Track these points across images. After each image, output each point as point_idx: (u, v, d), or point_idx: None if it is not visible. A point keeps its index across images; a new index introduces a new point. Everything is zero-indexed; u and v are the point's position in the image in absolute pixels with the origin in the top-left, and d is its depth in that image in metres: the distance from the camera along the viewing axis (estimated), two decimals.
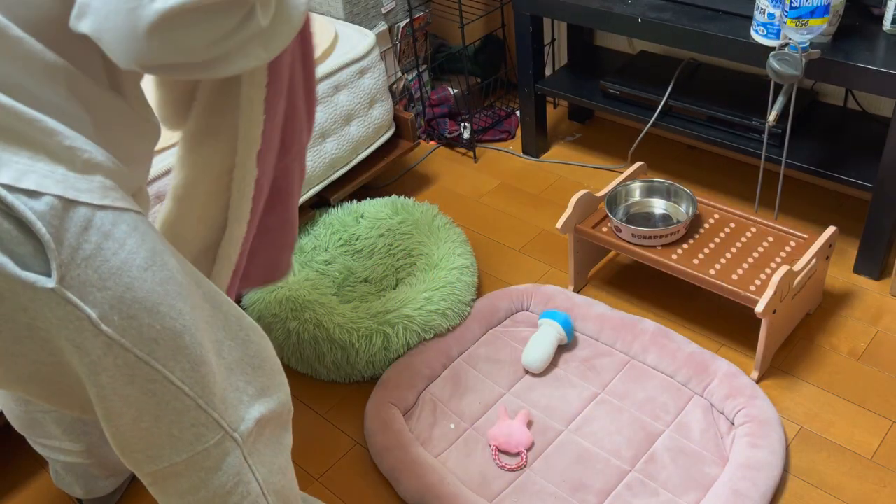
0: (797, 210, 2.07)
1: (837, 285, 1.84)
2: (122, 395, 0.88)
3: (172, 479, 0.97)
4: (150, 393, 0.90)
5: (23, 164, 0.76)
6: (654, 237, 1.70)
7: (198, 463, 0.97)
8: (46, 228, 0.76)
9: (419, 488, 1.46)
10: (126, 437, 0.93)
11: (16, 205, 0.75)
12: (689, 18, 1.81)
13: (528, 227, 2.13)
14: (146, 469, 0.96)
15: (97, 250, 0.80)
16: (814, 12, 1.54)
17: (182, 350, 0.90)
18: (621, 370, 1.66)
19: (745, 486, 1.39)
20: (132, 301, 0.84)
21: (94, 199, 0.80)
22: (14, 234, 0.76)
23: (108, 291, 0.82)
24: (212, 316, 0.97)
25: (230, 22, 0.73)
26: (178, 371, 0.90)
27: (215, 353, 0.97)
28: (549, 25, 2.44)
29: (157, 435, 0.93)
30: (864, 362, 1.66)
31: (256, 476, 1.04)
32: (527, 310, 1.84)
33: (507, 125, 2.51)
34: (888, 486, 1.43)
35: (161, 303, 0.87)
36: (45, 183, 0.76)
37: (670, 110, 2.03)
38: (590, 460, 1.49)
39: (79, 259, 0.79)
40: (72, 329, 0.82)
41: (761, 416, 1.50)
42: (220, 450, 0.98)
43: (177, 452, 0.95)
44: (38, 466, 1.63)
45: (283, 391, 1.08)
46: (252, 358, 1.03)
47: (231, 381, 0.99)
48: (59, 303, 0.80)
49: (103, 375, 0.86)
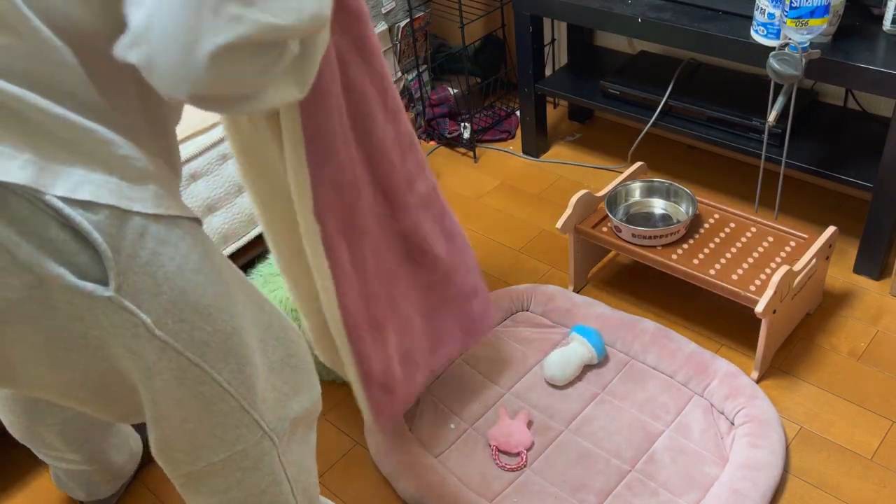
0: (797, 210, 2.07)
1: (837, 285, 1.84)
2: (173, 398, 0.90)
3: (207, 478, 0.98)
4: (199, 395, 0.91)
5: (78, 175, 0.76)
6: (654, 237, 1.70)
7: (235, 463, 0.98)
8: (103, 238, 0.77)
9: (419, 488, 1.46)
10: (170, 439, 0.94)
11: (72, 216, 0.75)
12: (689, 18, 1.81)
13: (528, 227, 2.13)
14: (183, 469, 0.97)
15: (153, 256, 0.81)
16: (814, 12, 1.54)
17: (231, 352, 0.91)
18: (621, 370, 1.66)
19: (745, 486, 1.39)
20: (185, 305, 0.85)
21: (147, 209, 0.81)
22: (71, 245, 0.77)
23: (162, 297, 0.83)
24: (257, 316, 0.99)
25: (276, 51, 0.73)
26: (225, 373, 0.92)
27: (260, 353, 0.98)
28: (549, 25, 2.44)
29: (201, 436, 0.94)
30: (864, 362, 1.66)
31: (288, 475, 1.06)
32: (527, 310, 1.84)
33: (507, 125, 2.51)
34: (888, 486, 1.43)
35: (212, 305, 0.88)
36: (100, 193, 0.77)
37: (670, 110, 2.03)
38: (590, 460, 1.49)
39: (135, 266, 0.80)
40: (128, 336, 0.83)
41: (761, 416, 1.50)
42: (258, 450, 1.00)
43: (216, 453, 0.96)
44: (39, 466, 1.63)
45: (315, 390, 1.09)
46: (291, 357, 1.04)
47: (271, 381, 1.00)
48: (115, 310, 0.81)
49: (157, 380, 0.87)
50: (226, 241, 1.78)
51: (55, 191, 0.74)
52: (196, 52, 0.68)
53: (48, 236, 0.75)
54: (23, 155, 0.73)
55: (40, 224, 0.75)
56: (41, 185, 0.74)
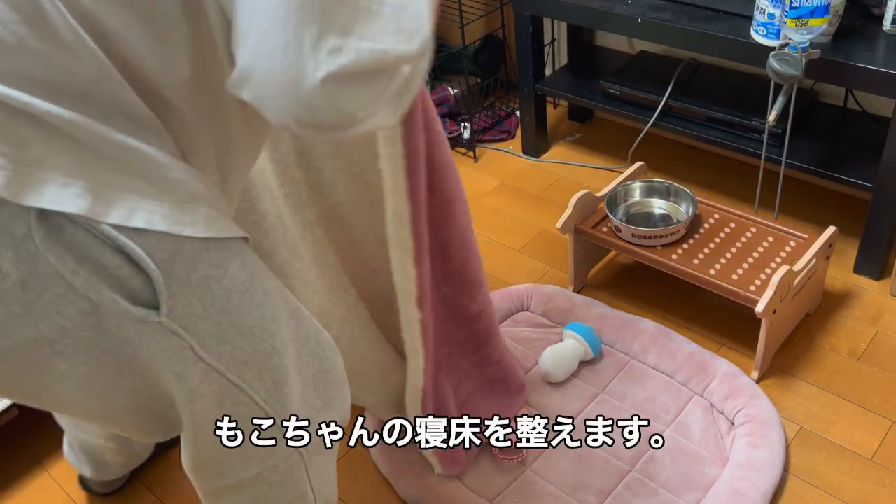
0: (797, 210, 2.07)
1: (837, 285, 1.84)
2: (210, 419, 0.90)
3: (234, 492, 0.99)
4: (235, 415, 0.91)
5: (132, 202, 0.76)
6: (654, 237, 1.70)
7: (265, 478, 0.99)
8: (156, 264, 0.77)
9: (419, 488, 1.46)
10: (204, 458, 0.94)
11: (126, 243, 0.75)
12: (689, 18, 1.81)
13: (528, 227, 2.13)
14: (213, 485, 0.98)
15: (203, 280, 0.81)
16: (814, 12, 1.54)
17: (268, 371, 0.91)
18: (621, 370, 1.66)
19: (745, 486, 1.39)
20: (229, 325, 0.85)
21: (199, 233, 0.80)
22: (125, 270, 0.77)
23: (209, 320, 0.83)
24: (296, 333, 0.99)
25: (385, 77, 0.73)
26: (262, 391, 0.92)
27: (296, 370, 0.98)
28: (549, 25, 2.44)
29: (233, 454, 0.94)
30: (864, 362, 1.66)
31: (313, 486, 1.06)
32: (527, 310, 1.84)
33: (507, 125, 2.51)
34: (888, 486, 1.43)
35: (255, 325, 0.88)
36: (153, 220, 0.77)
37: (670, 110, 2.03)
38: (590, 460, 1.49)
39: (186, 290, 0.80)
40: (175, 360, 0.83)
41: (761, 416, 1.50)
42: (287, 465, 1.00)
43: (247, 469, 0.97)
44: (38, 467, 1.63)
45: (345, 404, 1.09)
46: (324, 373, 1.04)
47: (305, 398, 1.01)
48: (165, 335, 0.81)
49: (199, 402, 0.88)
50: None
51: (109, 219, 0.74)
52: (301, 87, 0.69)
53: (103, 262, 0.75)
54: (77, 182, 0.73)
55: (95, 250, 0.75)
56: (95, 213, 0.74)
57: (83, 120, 0.73)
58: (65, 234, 0.73)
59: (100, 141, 0.74)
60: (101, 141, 0.74)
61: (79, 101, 0.73)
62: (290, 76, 0.69)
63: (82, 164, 0.74)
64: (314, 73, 0.68)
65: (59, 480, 1.60)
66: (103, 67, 0.73)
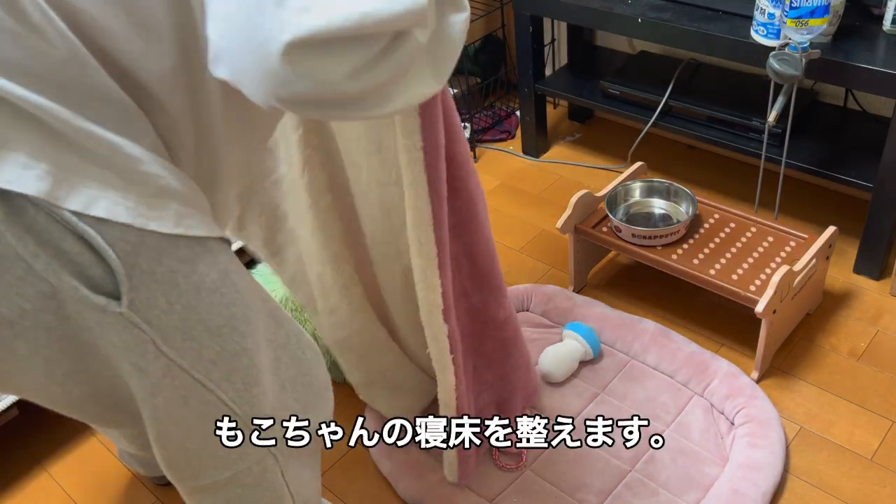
0: (797, 210, 2.07)
1: (837, 285, 1.84)
2: (175, 417, 0.88)
3: (211, 493, 0.98)
4: (203, 414, 0.90)
5: (94, 190, 0.75)
6: (654, 237, 1.70)
7: (238, 480, 0.98)
8: (117, 254, 0.76)
9: (419, 488, 1.46)
10: (174, 456, 0.93)
11: (86, 231, 0.74)
12: (689, 18, 1.81)
13: (528, 227, 2.13)
14: (188, 484, 0.97)
15: (169, 275, 0.80)
16: (814, 12, 1.54)
17: (238, 371, 0.90)
18: (621, 370, 1.66)
19: (745, 486, 1.39)
20: (196, 323, 0.83)
21: (164, 228, 0.78)
22: (86, 257, 0.76)
23: (174, 315, 0.81)
24: (274, 334, 0.97)
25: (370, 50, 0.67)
26: (230, 391, 0.90)
27: (272, 371, 0.97)
28: (549, 25, 2.44)
29: (205, 455, 0.93)
30: (864, 362, 1.65)
31: (290, 490, 1.05)
32: (527, 310, 1.84)
33: (507, 125, 2.51)
34: (888, 486, 1.43)
35: (224, 325, 0.86)
36: (115, 211, 0.75)
37: (670, 110, 2.03)
38: (590, 460, 1.49)
39: (150, 283, 0.79)
40: (136, 352, 0.82)
41: (761, 416, 1.50)
42: (261, 467, 0.99)
43: (219, 471, 0.96)
44: (38, 467, 1.63)
45: (327, 408, 1.08)
46: (304, 376, 1.03)
47: (282, 399, 0.99)
48: (125, 326, 0.79)
49: (160, 397, 0.86)
50: None
51: (69, 205, 0.73)
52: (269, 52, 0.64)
53: (63, 248, 0.75)
54: (40, 164, 0.72)
55: (56, 235, 0.74)
56: (55, 197, 0.73)
57: (52, 106, 0.72)
58: (26, 216, 0.73)
59: (68, 128, 0.73)
60: (69, 128, 0.73)
61: (50, 86, 0.72)
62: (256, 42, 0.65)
63: (48, 148, 0.73)
64: (280, 35, 0.63)
65: (59, 480, 1.60)
66: (75, 51, 0.72)
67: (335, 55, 0.65)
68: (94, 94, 0.75)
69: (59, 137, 0.73)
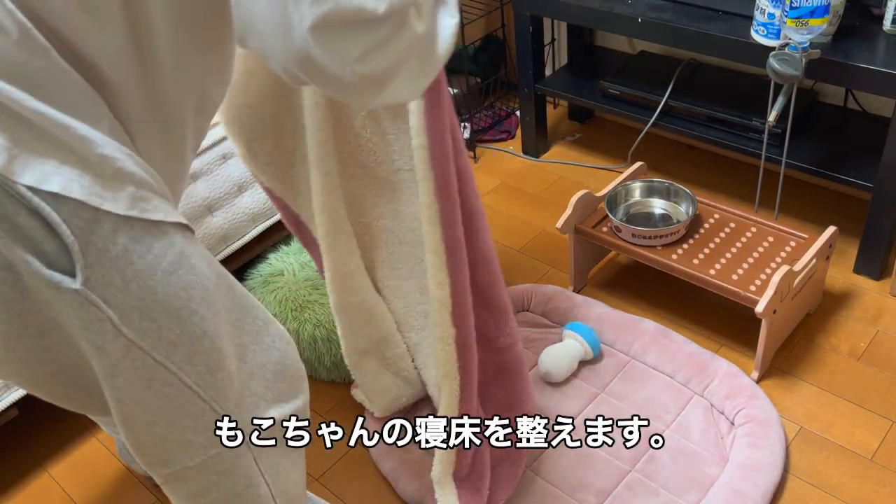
0: (797, 210, 2.07)
1: (837, 285, 1.84)
2: (138, 399, 0.89)
3: (184, 481, 0.98)
4: (166, 397, 0.90)
5: (49, 166, 0.76)
6: (654, 237, 1.70)
7: (210, 467, 0.98)
8: (72, 230, 0.77)
9: (419, 488, 1.46)
10: (141, 441, 0.93)
11: (41, 206, 0.75)
12: (689, 18, 1.81)
13: (528, 227, 2.13)
14: (159, 471, 0.97)
15: (123, 253, 0.80)
16: (814, 12, 1.54)
17: (200, 354, 0.90)
18: (621, 370, 1.66)
19: (745, 486, 1.39)
20: (154, 304, 0.84)
21: (118, 210, 0.79)
22: (40, 233, 0.76)
23: (130, 294, 0.82)
24: (240, 320, 0.98)
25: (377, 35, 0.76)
26: (193, 375, 0.90)
27: (238, 357, 0.97)
28: (549, 25, 2.44)
29: (171, 440, 0.93)
30: (864, 362, 1.65)
31: (266, 479, 1.05)
32: (527, 310, 1.84)
33: (507, 125, 2.51)
34: (888, 486, 1.43)
35: (182, 307, 0.86)
36: (70, 187, 0.76)
37: (670, 110, 2.03)
38: (590, 460, 1.49)
39: (104, 261, 0.79)
40: (93, 330, 0.82)
41: (761, 416, 1.50)
42: (233, 453, 0.99)
43: (190, 457, 0.96)
44: (38, 467, 1.63)
45: (301, 398, 1.08)
46: (275, 364, 1.03)
47: (250, 387, 0.99)
48: (82, 303, 0.80)
49: (120, 378, 0.86)
50: (225, 241, 1.78)
51: (23, 179, 0.74)
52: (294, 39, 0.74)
53: (18, 222, 0.75)
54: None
55: (10, 209, 0.75)
56: (9, 171, 0.73)
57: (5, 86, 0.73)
58: None
59: (23, 108, 0.74)
60: (23, 109, 0.74)
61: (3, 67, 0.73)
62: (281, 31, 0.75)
63: (3, 124, 0.74)
64: (301, 24, 0.73)
65: (59, 480, 1.60)
66: (25, 31, 0.74)
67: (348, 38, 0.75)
68: (48, 75, 0.76)
69: (14, 116, 0.74)
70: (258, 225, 1.83)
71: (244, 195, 1.79)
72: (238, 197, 1.79)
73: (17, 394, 1.48)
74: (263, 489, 1.04)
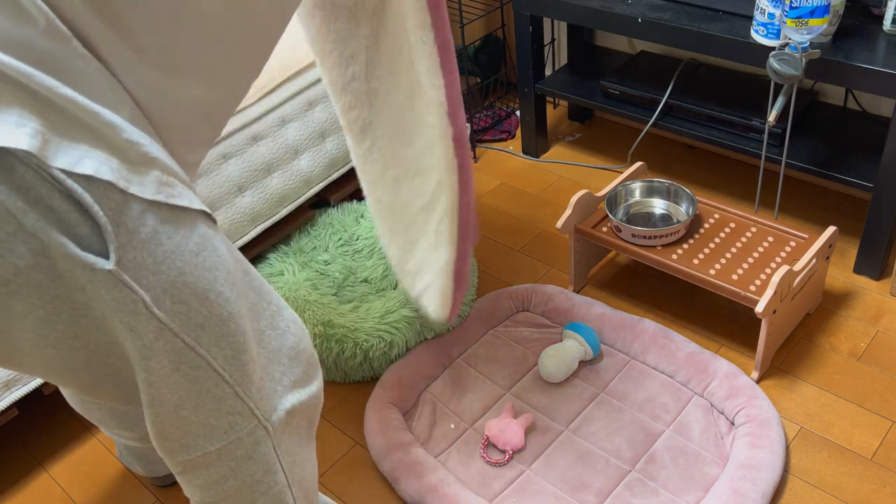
0: (797, 210, 2.07)
1: (837, 285, 1.84)
2: (167, 382, 0.90)
3: (203, 468, 0.99)
4: (193, 380, 0.91)
5: (81, 150, 0.78)
6: (654, 237, 1.70)
7: (230, 452, 0.99)
8: (104, 212, 0.78)
9: (419, 488, 1.46)
10: (164, 425, 0.94)
11: (74, 188, 0.77)
12: (689, 18, 1.81)
13: (528, 227, 2.13)
14: (179, 458, 0.98)
15: (153, 234, 0.83)
16: (814, 12, 1.54)
17: (226, 337, 0.92)
18: (621, 370, 1.66)
19: (745, 486, 1.39)
20: (183, 285, 0.86)
21: (145, 194, 0.82)
22: (74, 216, 0.78)
23: (161, 275, 0.84)
24: (256, 304, 1.00)
25: None
26: (220, 358, 0.92)
27: (256, 341, 0.99)
28: (549, 25, 2.44)
29: (195, 423, 0.95)
30: (864, 362, 1.66)
31: (283, 466, 1.06)
32: (527, 310, 1.84)
33: (507, 125, 2.51)
34: (888, 486, 1.43)
35: (210, 289, 0.89)
36: (101, 169, 0.78)
37: (670, 110, 2.03)
38: (590, 460, 1.49)
39: (135, 242, 0.81)
40: (127, 312, 0.84)
41: (761, 416, 1.50)
42: (252, 439, 1.00)
43: (210, 441, 0.97)
44: (38, 467, 1.63)
45: (316, 384, 1.10)
46: (290, 349, 1.05)
47: (269, 371, 1.01)
48: (115, 285, 0.81)
49: (153, 361, 0.88)
50: None
51: (57, 163, 0.76)
52: None
53: (52, 205, 0.77)
54: (31, 123, 0.75)
55: (45, 193, 0.76)
56: (44, 155, 0.75)
57: (35, 72, 0.75)
58: (15, 173, 0.75)
59: (52, 94, 0.76)
60: (53, 94, 0.76)
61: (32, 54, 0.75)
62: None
63: (36, 110, 0.76)
64: None
65: (59, 480, 1.60)
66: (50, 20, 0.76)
67: None
68: (72, 63, 0.78)
69: (45, 101, 0.76)
70: (258, 225, 1.83)
71: (244, 195, 1.79)
72: (238, 197, 1.79)
73: (17, 394, 1.48)
74: (280, 477, 1.05)
